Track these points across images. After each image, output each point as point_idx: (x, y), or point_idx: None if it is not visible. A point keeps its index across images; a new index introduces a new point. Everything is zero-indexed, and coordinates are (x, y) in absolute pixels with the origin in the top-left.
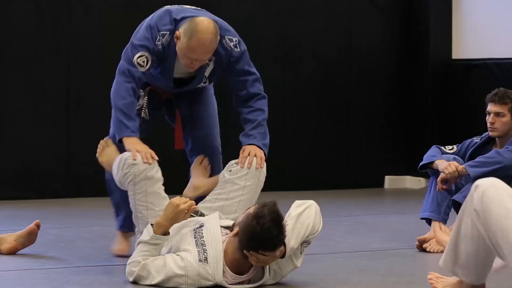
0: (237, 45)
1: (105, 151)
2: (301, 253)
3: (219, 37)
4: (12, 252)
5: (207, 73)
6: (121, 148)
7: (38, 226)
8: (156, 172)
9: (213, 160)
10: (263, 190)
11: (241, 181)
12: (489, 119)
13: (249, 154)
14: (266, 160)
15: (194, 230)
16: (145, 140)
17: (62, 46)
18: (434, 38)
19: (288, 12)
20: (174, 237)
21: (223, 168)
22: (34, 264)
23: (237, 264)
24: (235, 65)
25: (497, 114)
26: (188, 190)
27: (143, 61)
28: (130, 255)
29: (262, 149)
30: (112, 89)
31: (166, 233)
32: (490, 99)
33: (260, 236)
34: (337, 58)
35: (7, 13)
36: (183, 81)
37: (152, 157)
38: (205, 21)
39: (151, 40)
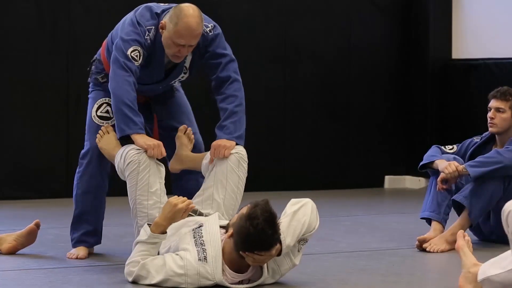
0: (212, 30)
1: (105, 138)
2: (298, 251)
3: (202, 19)
4: (12, 252)
5: (187, 63)
6: (123, 143)
7: (38, 225)
8: (161, 165)
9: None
10: (262, 190)
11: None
12: (489, 114)
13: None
14: (265, 159)
15: (193, 230)
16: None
17: (62, 46)
18: (433, 38)
19: (287, 12)
20: (173, 237)
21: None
22: (33, 264)
23: (236, 263)
24: (208, 47)
25: (498, 110)
26: (174, 162)
27: (136, 55)
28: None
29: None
30: (113, 82)
31: (164, 232)
32: (492, 95)
33: (254, 237)
34: (337, 58)
35: (7, 13)
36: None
37: (162, 154)
38: (189, 6)
39: (141, 35)
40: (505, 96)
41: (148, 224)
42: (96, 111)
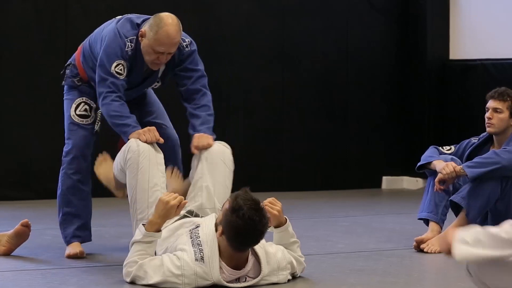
0: (189, 45)
1: (103, 165)
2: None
3: (181, 28)
4: (8, 253)
5: (159, 73)
6: None
7: (25, 225)
8: (159, 153)
9: (175, 152)
10: (260, 190)
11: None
12: (487, 114)
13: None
14: (263, 160)
15: (190, 230)
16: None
17: (59, 46)
18: (431, 38)
19: (286, 13)
20: (170, 238)
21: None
22: (31, 264)
23: (233, 259)
24: (183, 62)
25: (495, 110)
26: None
27: (121, 69)
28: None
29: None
30: (104, 108)
31: (159, 230)
32: (490, 96)
33: (244, 227)
34: (335, 58)
35: (4, 13)
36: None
37: (156, 137)
38: (169, 15)
39: (122, 47)
40: (503, 96)
41: (142, 224)
42: (75, 110)
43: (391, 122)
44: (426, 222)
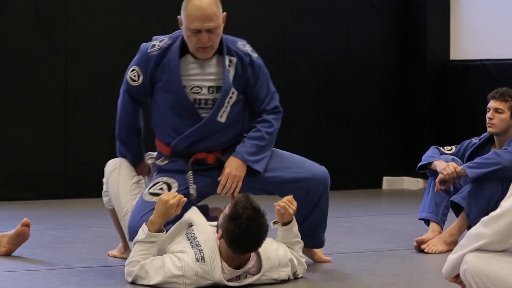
0: (253, 50)
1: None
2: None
3: (219, 3)
4: (8, 254)
5: (231, 77)
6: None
7: (26, 224)
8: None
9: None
10: None
11: None
12: (488, 115)
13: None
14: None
15: (186, 233)
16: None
17: (60, 47)
18: (432, 39)
19: (286, 13)
20: (168, 243)
21: None
22: (31, 265)
23: (235, 260)
24: (258, 71)
25: (496, 110)
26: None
27: (135, 75)
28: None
29: (247, 164)
30: (118, 111)
31: (161, 230)
32: (491, 96)
33: (241, 236)
34: (335, 58)
35: (4, 14)
36: (207, 102)
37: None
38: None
39: (146, 49)
40: (504, 97)
41: (145, 223)
42: (150, 188)
43: (391, 122)
44: (427, 222)
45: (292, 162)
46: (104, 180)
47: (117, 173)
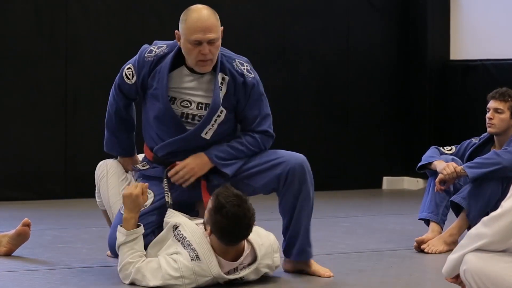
0: (250, 71)
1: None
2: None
3: (217, 17)
4: (9, 254)
5: (221, 95)
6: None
7: (26, 224)
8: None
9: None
10: None
11: None
12: (488, 115)
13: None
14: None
15: (173, 235)
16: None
17: (60, 47)
18: (432, 39)
19: (286, 13)
20: (159, 250)
21: None
22: (31, 265)
23: (229, 253)
24: (250, 91)
25: (496, 110)
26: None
27: (129, 74)
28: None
29: (214, 164)
30: (108, 102)
31: (137, 225)
32: (491, 96)
33: (230, 225)
34: (335, 58)
35: (4, 14)
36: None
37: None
38: (197, 5)
39: (142, 53)
40: (504, 97)
41: (120, 225)
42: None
43: (391, 122)
44: (427, 222)
45: (267, 154)
46: (96, 182)
47: (105, 181)
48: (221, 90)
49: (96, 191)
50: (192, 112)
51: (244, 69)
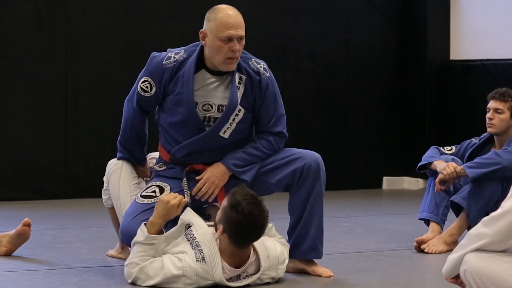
0: (266, 70)
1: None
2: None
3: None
4: (9, 254)
5: (239, 94)
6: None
7: (27, 224)
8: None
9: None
10: None
11: None
12: (488, 115)
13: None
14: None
15: (185, 233)
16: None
17: (60, 47)
18: (432, 39)
19: (286, 13)
20: (168, 245)
21: None
22: (31, 265)
23: (235, 258)
24: (265, 91)
25: (496, 110)
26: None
27: (146, 86)
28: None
29: (232, 172)
30: (123, 120)
31: (160, 232)
32: (491, 96)
33: (245, 222)
34: (335, 59)
35: (4, 14)
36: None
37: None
38: (220, 4)
39: (161, 60)
40: (504, 97)
41: (144, 223)
42: (142, 192)
43: (391, 122)
44: (427, 222)
45: (283, 151)
46: (105, 178)
47: (118, 173)
48: (238, 89)
49: (103, 188)
50: (214, 115)
51: (260, 67)
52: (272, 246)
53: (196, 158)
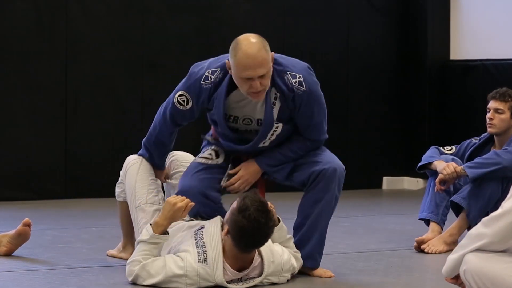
0: (302, 83)
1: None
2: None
3: (267, 46)
4: (9, 254)
5: (275, 112)
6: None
7: (27, 224)
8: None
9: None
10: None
11: None
12: (488, 115)
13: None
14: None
15: (195, 232)
16: None
17: (60, 47)
18: (432, 39)
19: (286, 13)
20: (174, 238)
21: None
22: (31, 265)
23: (238, 260)
24: (300, 106)
25: (496, 110)
26: None
27: (183, 100)
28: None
29: (262, 170)
30: (152, 126)
31: (165, 232)
32: (491, 96)
33: (249, 228)
34: (335, 59)
35: (4, 14)
36: (251, 133)
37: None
38: (246, 34)
39: (198, 79)
40: (504, 97)
41: (150, 224)
42: (200, 154)
43: (391, 122)
44: (427, 222)
45: (314, 153)
46: (122, 172)
47: (137, 167)
48: (274, 105)
49: (118, 182)
50: (254, 128)
51: (295, 82)
52: (279, 252)
53: (241, 153)
